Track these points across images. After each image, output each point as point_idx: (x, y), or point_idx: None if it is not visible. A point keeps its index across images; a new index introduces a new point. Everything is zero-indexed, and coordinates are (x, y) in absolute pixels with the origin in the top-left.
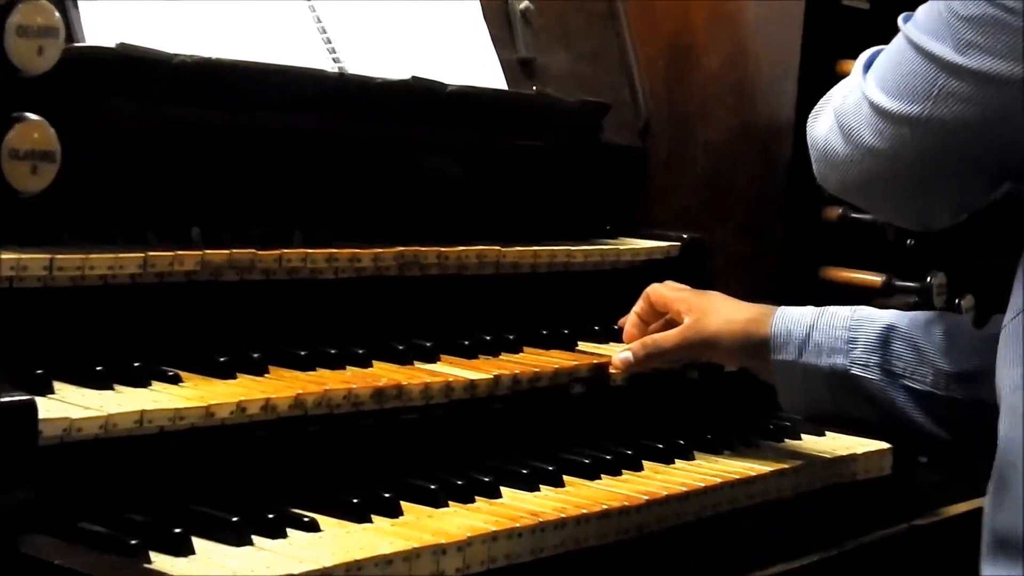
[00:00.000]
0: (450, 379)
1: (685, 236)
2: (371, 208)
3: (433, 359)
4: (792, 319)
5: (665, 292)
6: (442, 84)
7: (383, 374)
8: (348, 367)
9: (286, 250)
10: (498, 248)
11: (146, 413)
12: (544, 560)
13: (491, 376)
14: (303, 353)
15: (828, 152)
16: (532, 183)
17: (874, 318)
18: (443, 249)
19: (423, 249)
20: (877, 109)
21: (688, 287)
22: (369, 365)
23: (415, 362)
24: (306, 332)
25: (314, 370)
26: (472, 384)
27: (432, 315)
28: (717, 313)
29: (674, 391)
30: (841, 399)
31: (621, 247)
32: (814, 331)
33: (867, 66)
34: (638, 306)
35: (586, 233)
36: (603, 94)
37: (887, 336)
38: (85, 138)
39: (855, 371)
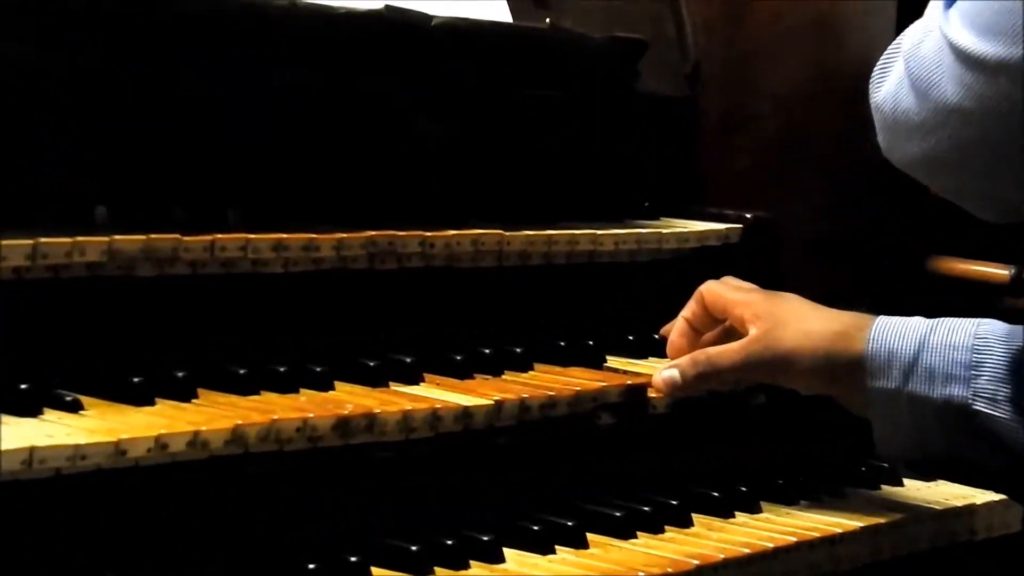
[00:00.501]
0: (437, 405)
1: (749, 216)
2: (333, 180)
3: (415, 379)
4: (895, 333)
5: (724, 292)
6: (425, 16)
7: (349, 399)
8: (303, 390)
9: (219, 235)
10: (500, 232)
11: (36, 451)
12: None
13: (491, 402)
14: (243, 372)
15: (898, 117)
16: (546, 146)
17: (1005, 334)
18: (428, 234)
19: (401, 234)
20: (964, 55)
21: (754, 286)
22: (331, 387)
23: (391, 383)
24: (248, 344)
25: (258, 394)
26: (466, 412)
27: (414, 321)
28: (793, 322)
29: (734, 422)
30: (957, 440)
31: (664, 230)
32: (924, 351)
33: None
34: (687, 310)
35: (617, 212)
36: (639, 29)
37: (1022, 360)
38: None
39: (978, 406)
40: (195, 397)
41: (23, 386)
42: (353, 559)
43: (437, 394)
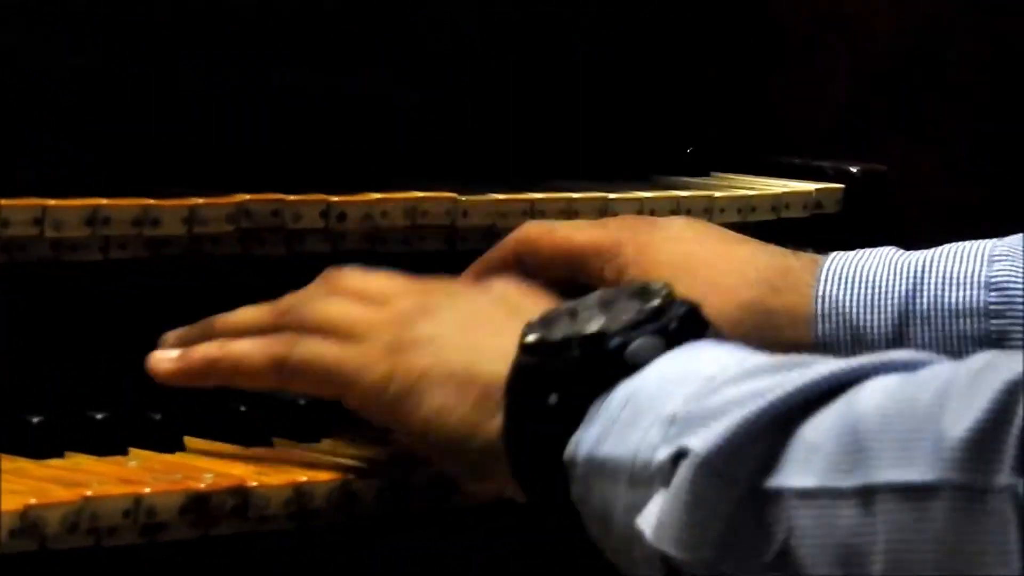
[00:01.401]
0: (350, 476)
1: (855, 169)
2: (173, 120)
3: (314, 434)
4: (856, 274)
5: (564, 234)
6: None
7: (207, 464)
8: (134, 450)
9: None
10: (452, 197)
11: None
12: None
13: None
14: (38, 420)
15: None
16: (530, 60)
17: None
18: (335, 199)
19: (292, 199)
20: None
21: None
22: (179, 445)
23: (276, 439)
24: (46, 375)
25: (62, 455)
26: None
27: None
28: (697, 268)
29: None
30: None
31: (717, 193)
32: (913, 322)
33: None
34: (493, 254)
35: (642, 165)
36: None
37: None
38: None
39: None
40: None
41: None
42: None
43: (350, 454)
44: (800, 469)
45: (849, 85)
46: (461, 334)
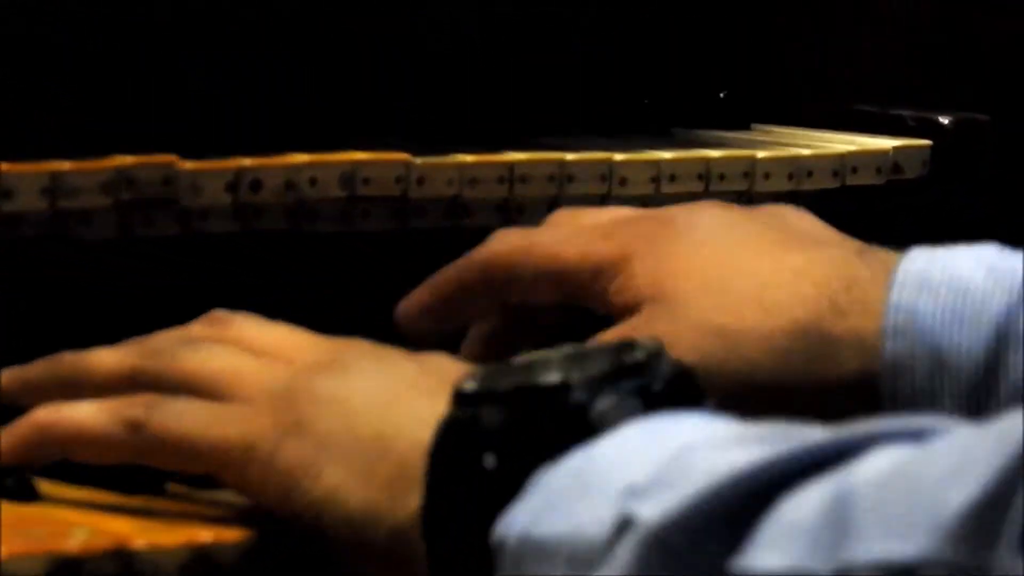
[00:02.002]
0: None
1: (946, 120)
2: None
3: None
4: (942, 278)
5: (550, 245)
6: None
7: (73, 516)
8: None
9: None
10: (403, 157)
11: None
12: None
13: None
14: None
15: None
16: None
17: None
18: (245, 161)
19: (190, 163)
20: None
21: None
22: (31, 494)
23: (171, 483)
24: None
25: None
26: None
27: None
28: (732, 279)
29: None
30: None
31: (761, 153)
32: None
33: None
34: (449, 276)
35: (663, 116)
36: None
37: None
38: None
39: None
40: None
41: None
42: None
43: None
44: (772, 548)
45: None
46: (376, 397)
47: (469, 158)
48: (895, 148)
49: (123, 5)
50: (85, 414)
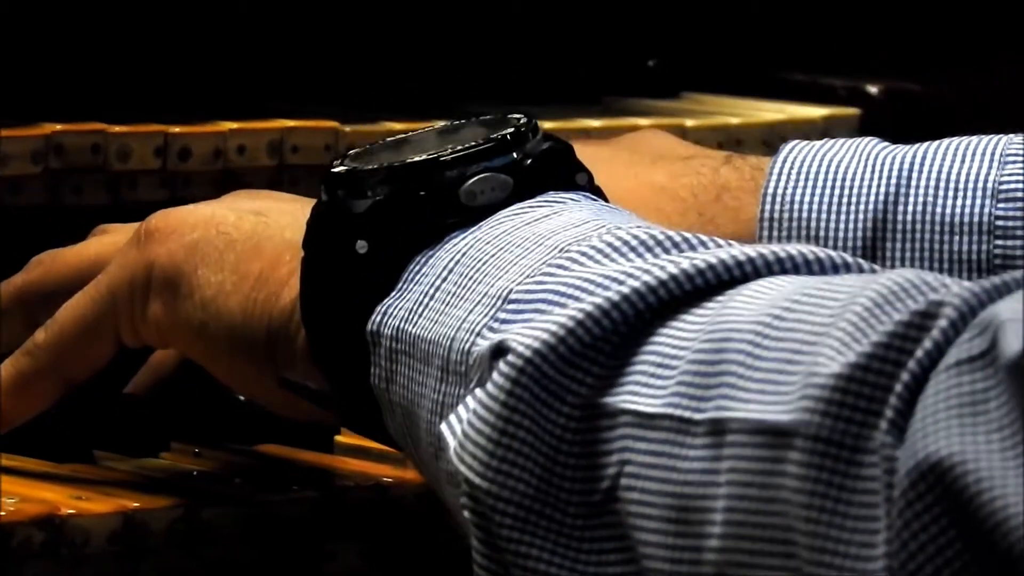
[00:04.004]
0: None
1: (874, 89)
2: None
3: (153, 450)
4: (820, 168)
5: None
6: None
7: None
8: None
9: None
10: (332, 125)
11: None
12: None
13: None
14: None
15: None
16: None
17: None
18: (174, 128)
19: (119, 129)
20: None
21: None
22: None
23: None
24: None
25: None
26: None
27: None
28: None
29: None
30: None
31: (690, 122)
32: (902, 202)
33: None
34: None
35: (591, 84)
36: None
37: None
38: None
39: None
40: None
41: None
42: None
43: (197, 472)
44: (647, 387)
45: None
46: (241, 204)
47: (398, 125)
48: (824, 117)
49: None
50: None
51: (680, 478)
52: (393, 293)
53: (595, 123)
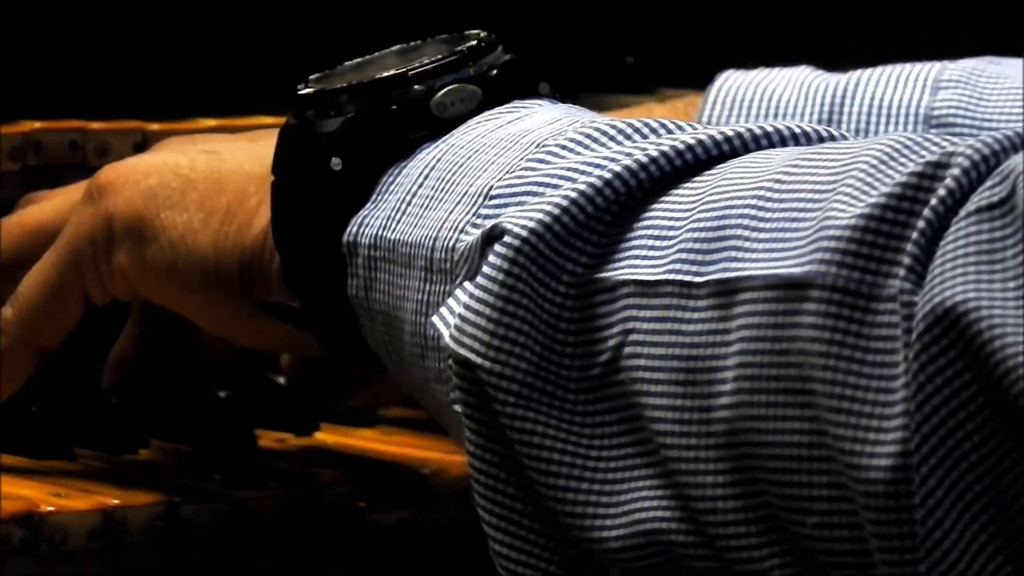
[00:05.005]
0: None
1: None
2: None
3: (133, 447)
4: (753, 97)
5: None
6: None
7: None
8: None
9: None
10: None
11: None
12: None
13: None
14: None
15: None
16: None
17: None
18: (153, 126)
19: (98, 126)
20: None
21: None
22: None
23: None
24: None
25: None
26: None
27: None
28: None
29: None
30: None
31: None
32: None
33: None
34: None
35: (568, 82)
36: None
37: None
38: None
39: None
40: None
41: None
42: None
43: (177, 469)
44: (645, 258)
45: None
46: (185, 147)
47: None
48: None
49: None
50: None
51: (686, 340)
52: (368, 205)
53: None
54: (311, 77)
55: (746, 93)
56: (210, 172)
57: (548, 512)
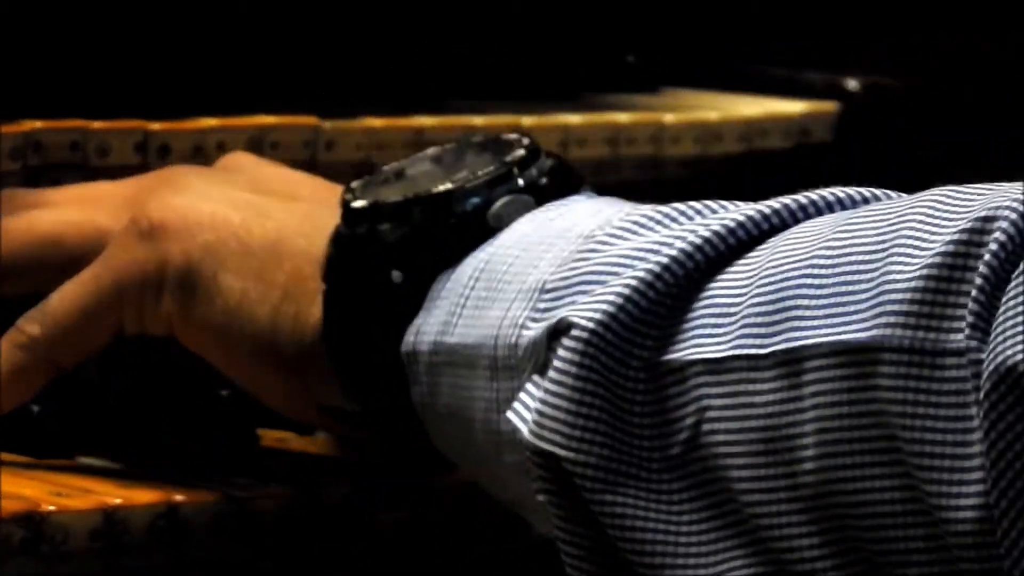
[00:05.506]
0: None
1: (853, 83)
2: None
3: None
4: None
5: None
6: None
7: None
8: None
9: None
10: (311, 121)
11: None
12: None
13: None
14: None
15: None
16: None
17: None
18: (154, 125)
19: (99, 125)
20: None
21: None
22: None
23: None
24: None
25: None
26: None
27: None
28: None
29: None
30: None
31: (669, 117)
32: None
33: None
34: None
35: (568, 81)
36: None
37: None
38: None
39: None
40: None
41: None
42: None
43: (179, 468)
44: (709, 337)
45: None
46: (233, 196)
47: (377, 122)
48: (803, 111)
49: None
50: None
51: (760, 412)
52: (421, 313)
53: (574, 119)
54: (353, 185)
55: None
56: (266, 242)
57: None
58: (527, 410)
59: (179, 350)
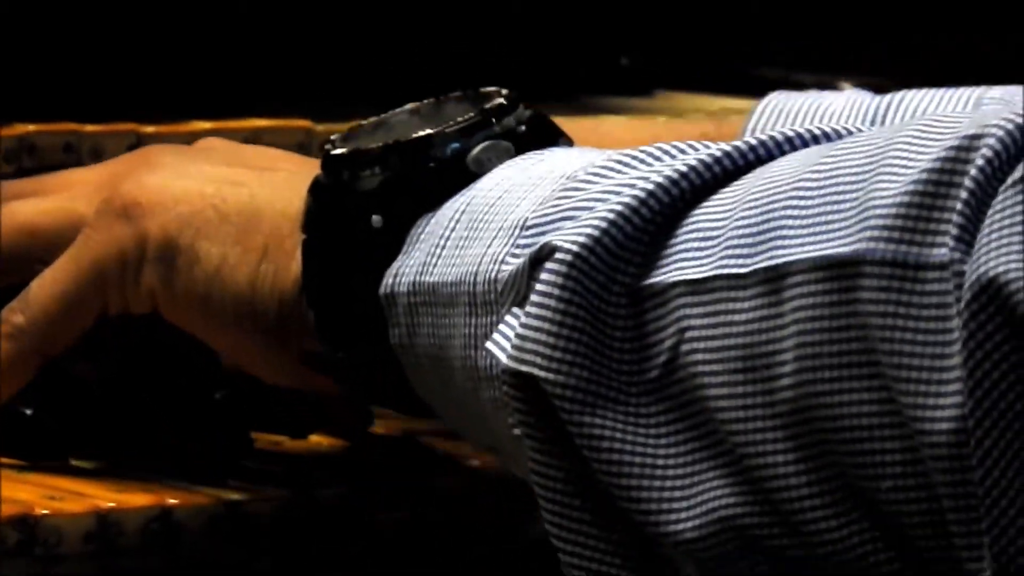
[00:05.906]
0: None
1: (848, 87)
2: None
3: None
4: (799, 108)
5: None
6: None
7: None
8: None
9: None
10: (304, 124)
11: None
12: None
13: None
14: None
15: None
16: None
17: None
18: (147, 128)
19: (92, 128)
20: None
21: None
22: None
23: None
24: None
25: None
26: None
27: None
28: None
29: None
30: None
31: (662, 120)
32: None
33: None
34: None
35: (561, 83)
36: None
37: None
38: None
39: None
40: None
41: None
42: None
43: (173, 470)
44: (692, 260)
45: None
46: (205, 170)
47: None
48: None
49: None
50: None
51: (740, 329)
52: (400, 256)
53: (568, 121)
54: (334, 138)
55: (795, 106)
56: (242, 207)
57: (618, 517)
58: (505, 339)
59: (173, 348)
